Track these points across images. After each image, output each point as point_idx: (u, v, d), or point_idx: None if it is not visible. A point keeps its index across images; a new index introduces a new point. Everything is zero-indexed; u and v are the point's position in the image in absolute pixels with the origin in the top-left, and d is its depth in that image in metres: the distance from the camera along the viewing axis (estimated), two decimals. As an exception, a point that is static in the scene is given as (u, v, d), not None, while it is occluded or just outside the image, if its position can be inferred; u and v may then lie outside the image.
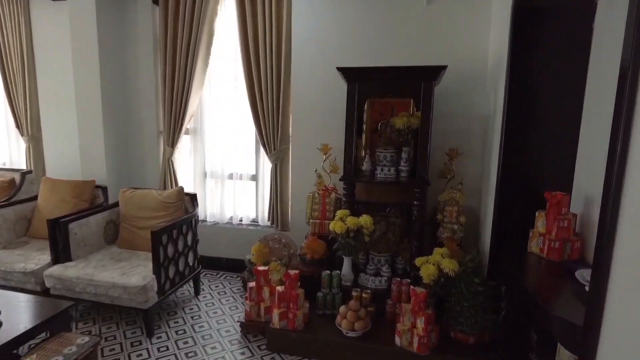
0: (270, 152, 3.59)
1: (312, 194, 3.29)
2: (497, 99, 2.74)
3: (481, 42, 3.12)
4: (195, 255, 3.33)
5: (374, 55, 3.30)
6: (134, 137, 4.03)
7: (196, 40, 3.62)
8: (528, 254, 2.33)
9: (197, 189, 3.95)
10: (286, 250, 3.35)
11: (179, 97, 3.75)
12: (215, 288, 3.59)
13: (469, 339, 2.45)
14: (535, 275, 2.12)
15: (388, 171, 2.92)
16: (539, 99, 2.47)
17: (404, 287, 2.68)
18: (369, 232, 2.78)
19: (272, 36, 3.42)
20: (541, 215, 2.29)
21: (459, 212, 2.93)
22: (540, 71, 2.45)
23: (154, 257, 2.80)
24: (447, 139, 3.23)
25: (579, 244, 2.18)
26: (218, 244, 3.92)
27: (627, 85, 1.20)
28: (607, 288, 1.30)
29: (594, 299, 1.33)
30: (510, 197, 2.58)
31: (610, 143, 1.27)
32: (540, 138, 2.50)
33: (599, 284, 1.31)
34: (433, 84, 2.73)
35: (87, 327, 2.95)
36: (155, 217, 3.25)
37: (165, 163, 3.91)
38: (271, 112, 3.52)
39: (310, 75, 3.47)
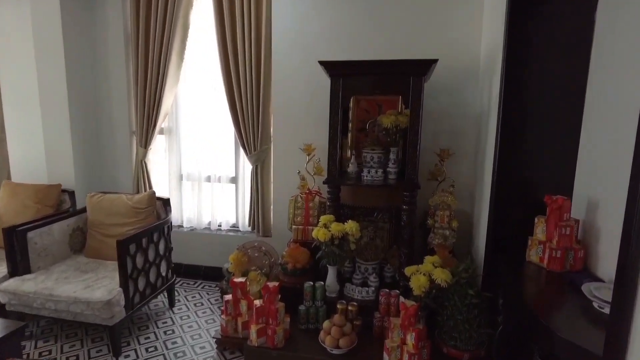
0: (251, 153, 3.37)
1: (295, 197, 3.07)
2: (492, 95, 2.56)
3: (473, 35, 2.95)
4: (169, 265, 3.10)
5: (360, 49, 3.10)
6: (105, 138, 3.77)
7: (170, 34, 3.38)
8: (527, 263, 2.14)
9: (173, 192, 3.71)
10: (267, 259, 3.13)
11: (153, 95, 3.51)
12: (191, 299, 3.36)
13: (463, 356, 2.26)
14: (535, 287, 1.94)
15: (375, 173, 2.72)
16: (537, 95, 2.28)
17: (393, 299, 2.48)
18: (355, 239, 2.57)
19: (251, 30, 3.20)
20: (541, 221, 2.11)
21: (450, 216, 2.74)
22: (538, 65, 2.26)
23: (121, 269, 2.56)
24: (437, 138, 3.05)
25: (582, 253, 2.00)
26: (196, 251, 3.69)
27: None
28: (633, 310, 1.11)
29: (616, 324, 1.14)
30: (506, 201, 2.40)
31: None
32: (538, 137, 2.31)
33: (623, 306, 1.12)
34: (423, 80, 2.53)
35: (47, 345, 2.70)
36: (125, 224, 3.00)
37: (138, 165, 3.66)
38: (251, 111, 3.30)
39: (292, 71, 3.26)
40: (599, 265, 1.92)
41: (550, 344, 1.49)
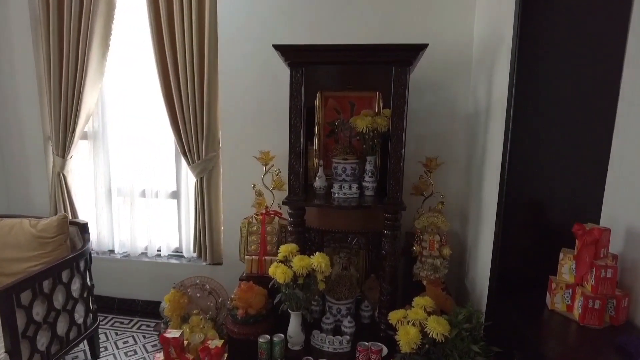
0: (194, 163, 2.74)
1: (248, 219, 2.47)
2: (493, 92, 2.05)
3: (464, 21, 2.45)
4: (88, 308, 2.43)
5: (326, 36, 2.53)
6: (11, 145, 3.05)
7: (90, 15, 2.70)
8: (549, 312, 1.64)
9: (101, 210, 3.03)
10: (212, 300, 2.50)
11: (71, 91, 2.83)
12: (123, 345, 2.69)
13: None
14: (564, 347, 1.43)
15: (349, 189, 2.16)
16: (556, 94, 1.77)
17: (374, 356, 1.92)
18: (324, 277, 2.00)
19: (192, 11, 2.57)
20: (568, 257, 1.61)
21: (442, 242, 2.22)
22: (558, 58, 1.75)
23: (6, 328, 1.87)
24: (421, 144, 2.54)
25: (627, 302, 1.50)
26: (131, 283, 3.04)
27: None
28: None
29: None
30: (515, 227, 1.89)
31: None
32: (557, 146, 1.80)
33: None
34: (408, 71, 1.98)
35: None
36: (26, 259, 2.32)
37: (55, 178, 2.94)
38: (193, 111, 2.67)
39: (244, 62, 2.68)
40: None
41: None
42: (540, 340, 1.46)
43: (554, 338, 1.50)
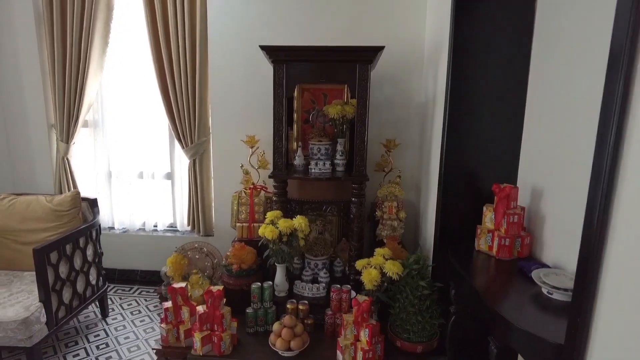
0: (187, 146, 3.13)
1: (238, 193, 2.89)
2: (438, 85, 2.54)
3: (418, 24, 2.92)
4: (99, 272, 2.80)
5: (302, 36, 2.97)
6: (17, 132, 3.33)
7: (92, 15, 3.03)
8: (476, 252, 2.15)
9: (102, 191, 3.37)
10: (209, 261, 2.93)
11: (74, 83, 3.14)
12: (127, 307, 3.08)
13: (417, 348, 2.24)
14: (486, 276, 1.94)
15: (323, 165, 2.62)
16: (482, 85, 2.29)
17: (345, 295, 2.41)
18: (304, 235, 2.46)
19: (184, 9, 2.94)
20: (489, 209, 2.12)
21: (398, 207, 2.72)
22: (483, 57, 2.26)
23: (40, 281, 2.25)
24: (382, 128, 3.01)
25: (529, 240, 2.03)
26: (130, 255, 3.39)
27: (621, 71, 0.97)
28: (595, 299, 1.09)
29: (578, 313, 1.12)
30: (453, 191, 2.39)
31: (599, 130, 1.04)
32: (483, 127, 2.32)
33: (584, 296, 1.10)
34: (369, 67, 2.45)
35: (-49, 375, 2.33)
36: (45, 230, 2.66)
37: (60, 162, 3.27)
38: (186, 100, 3.06)
39: (231, 57, 3.05)
40: (544, 251, 1.96)
41: (507, 335, 1.48)
42: (470, 272, 1.97)
43: (478, 270, 2.01)
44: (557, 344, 1.28)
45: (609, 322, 1.05)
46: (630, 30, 0.95)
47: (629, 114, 0.98)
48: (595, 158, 1.07)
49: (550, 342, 1.30)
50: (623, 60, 0.96)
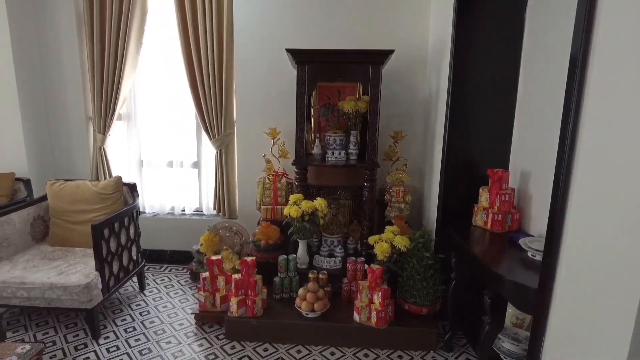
0: (214, 138, 3.47)
1: (263, 179, 3.24)
2: (440, 82, 2.88)
3: (422, 26, 3.24)
4: (139, 249, 3.15)
5: (318, 37, 3.29)
6: (58, 124, 3.66)
7: (128, 18, 3.36)
8: (473, 227, 2.52)
9: (134, 178, 3.71)
10: (237, 238, 3.28)
11: (110, 81, 3.47)
12: (160, 282, 3.43)
13: (422, 310, 2.60)
14: (482, 245, 2.30)
15: (339, 154, 2.97)
16: (479, 82, 2.64)
17: (359, 266, 2.77)
18: (323, 214, 2.81)
19: (213, 14, 3.27)
20: (484, 190, 2.48)
21: (405, 191, 3.07)
22: (480, 57, 2.62)
23: (96, 253, 2.60)
24: (390, 122, 3.34)
25: (518, 216, 2.40)
26: (160, 237, 3.73)
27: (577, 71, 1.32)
28: (558, 255, 1.45)
29: (547, 263, 1.48)
30: (454, 177, 2.75)
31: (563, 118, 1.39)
32: (480, 120, 2.68)
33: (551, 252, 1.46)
34: (381, 68, 2.80)
35: (18, 335, 2.67)
36: (92, 211, 3.00)
37: (97, 152, 3.61)
38: (214, 96, 3.39)
39: (254, 57, 3.38)
40: (531, 224, 2.33)
41: (499, 286, 1.84)
42: (468, 243, 2.33)
43: (475, 242, 2.37)
44: (534, 288, 1.64)
45: (567, 270, 1.41)
46: (583, 41, 1.30)
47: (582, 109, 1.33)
48: (559, 146, 1.43)
49: (532, 288, 1.67)
50: (578, 65, 1.31)
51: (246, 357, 2.47)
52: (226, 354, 2.50)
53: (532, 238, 2.14)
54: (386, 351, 2.54)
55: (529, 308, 1.71)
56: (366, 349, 2.56)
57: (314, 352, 2.53)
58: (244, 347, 2.55)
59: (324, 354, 2.51)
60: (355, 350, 2.55)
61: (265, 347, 2.55)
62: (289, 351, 2.53)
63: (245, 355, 2.48)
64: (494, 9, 2.58)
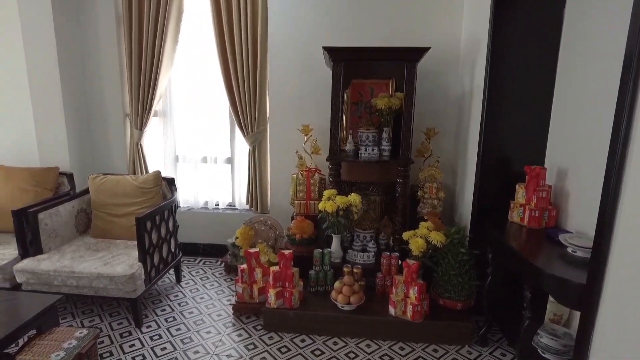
0: (248, 134, 3.55)
1: (296, 175, 3.30)
2: (475, 79, 2.89)
3: (454, 24, 3.25)
4: (176, 242, 3.25)
5: (351, 35, 3.33)
6: (97, 120, 3.79)
7: (165, 17, 3.45)
8: (509, 223, 2.53)
9: (169, 173, 3.81)
10: (272, 232, 3.36)
11: (147, 78, 3.57)
12: (196, 274, 3.53)
13: (457, 305, 2.63)
14: (520, 241, 2.31)
15: (372, 151, 3.01)
16: (515, 79, 2.65)
17: (393, 261, 2.81)
18: (358, 210, 2.86)
19: (247, 14, 3.33)
20: (521, 187, 2.49)
21: (438, 188, 3.09)
22: (516, 53, 2.63)
23: (140, 244, 2.70)
24: (422, 118, 3.35)
25: (555, 212, 2.41)
26: (194, 230, 3.83)
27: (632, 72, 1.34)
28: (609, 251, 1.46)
29: (597, 259, 1.50)
30: (488, 173, 2.77)
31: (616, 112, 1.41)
32: (515, 117, 2.69)
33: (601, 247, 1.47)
34: (416, 65, 2.82)
35: (67, 322, 2.80)
36: (132, 204, 3.11)
37: (134, 147, 3.73)
38: (248, 93, 3.46)
39: (287, 54, 3.43)
40: (568, 221, 2.33)
41: (539, 280, 1.86)
42: (504, 240, 2.35)
43: (512, 237, 2.38)
44: (580, 284, 1.66)
45: (619, 269, 1.42)
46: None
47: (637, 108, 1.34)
48: (612, 143, 1.44)
49: (575, 282, 1.69)
50: (634, 61, 1.33)
51: (284, 347, 2.54)
52: (265, 344, 2.57)
53: (571, 235, 2.15)
54: (421, 345, 2.58)
55: (573, 303, 1.73)
56: (401, 342, 2.60)
57: (349, 344, 2.58)
58: (281, 338, 2.63)
59: (359, 346, 2.56)
60: (391, 343, 2.60)
61: (303, 338, 2.62)
62: (325, 343, 2.59)
63: (284, 346, 2.55)
64: (532, 5, 2.58)
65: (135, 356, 2.46)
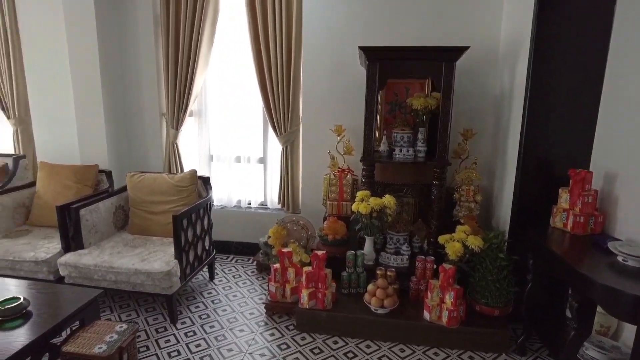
0: (281, 135, 3.55)
1: (329, 175, 3.29)
2: (516, 78, 2.80)
3: (493, 21, 3.16)
4: (210, 240, 3.30)
5: (386, 34, 3.29)
6: (134, 119, 3.89)
7: (201, 18, 3.50)
8: (551, 228, 2.44)
9: (204, 172, 3.87)
10: (304, 232, 3.36)
11: (183, 78, 3.63)
12: (228, 272, 3.57)
13: (494, 312, 2.56)
14: (564, 248, 2.22)
15: (407, 152, 2.96)
16: (560, 78, 2.55)
17: (429, 265, 2.75)
18: (392, 212, 2.82)
19: (282, 14, 3.34)
20: (565, 191, 2.39)
21: (475, 190, 3.01)
22: (561, 51, 2.52)
23: (176, 242, 2.75)
24: (459, 118, 3.27)
25: (602, 219, 2.30)
26: (227, 228, 3.88)
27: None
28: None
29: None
30: (529, 176, 2.68)
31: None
32: (559, 118, 2.58)
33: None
34: (454, 65, 2.76)
35: (105, 315, 2.89)
36: (169, 202, 3.18)
37: (170, 146, 3.80)
38: (281, 94, 3.47)
39: (321, 55, 3.42)
40: (617, 228, 2.22)
41: (589, 290, 1.78)
42: (546, 246, 2.26)
43: (554, 243, 2.29)
44: (634, 295, 1.58)
45: None
46: None
47: None
48: None
49: (629, 293, 1.60)
50: None
51: (317, 348, 2.53)
52: (297, 344, 2.57)
53: (621, 242, 2.04)
54: (456, 351, 2.52)
55: (627, 316, 1.64)
56: (436, 347, 2.55)
57: (383, 347, 2.55)
58: (314, 339, 2.62)
59: (393, 350, 2.52)
60: (425, 348, 2.55)
61: (335, 340, 2.61)
62: (358, 345, 2.56)
63: (316, 347, 2.54)
64: (579, 2, 2.47)
65: (170, 351, 2.50)
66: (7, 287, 2.31)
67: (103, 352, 1.90)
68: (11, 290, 2.27)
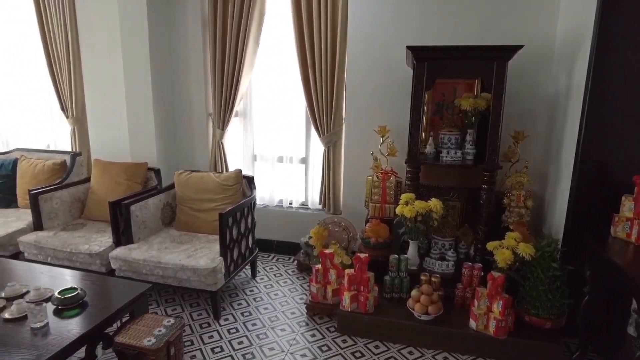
0: (323, 135, 3.55)
1: (371, 177, 3.25)
2: (574, 78, 2.65)
3: (548, 19, 3.01)
4: (253, 238, 3.34)
5: (431, 33, 3.20)
6: (182, 119, 4.01)
7: (247, 20, 3.55)
8: (612, 238, 2.29)
9: (247, 171, 3.93)
10: (345, 234, 3.34)
11: (230, 79, 3.70)
12: (270, 270, 3.61)
13: (546, 324, 2.43)
14: (627, 259, 2.08)
15: (454, 154, 2.87)
16: (624, 80, 2.38)
17: (476, 272, 2.66)
18: (438, 216, 2.74)
19: (328, 15, 3.33)
20: (628, 199, 2.24)
21: (526, 196, 2.88)
22: (626, 53, 2.35)
23: (222, 239, 2.80)
24: (509, 120, 3.12)
25: (671, 229, 2.13)
26: (269, 227, 3.92)
27: None
28: None
29: None
30: (586, 181, 2.52)
31: None
32: (622, 120, 2.41)
33: None
34: (506, 65, 2.64)
35: (151, 309, 2.99)
36: (215, 200, 3.24)
37: (215, 145, 3.89)
38: (325, 94, 3.46)
39: (365, 55, 3.38)
40: (688, 240, 2.05)
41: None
42: (608, 255, 2.12)
43: (617, 254, 2.15)
44: None
45: None
46: None
47: None
48: None
49: None
50: None
51: (358, 352, 2.51)
52: (338, 347, 2.55)
53: (694, 256, 1.89)
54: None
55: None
56: (481, 357, 2.46)
57: (426, 354, 2.49)
58: (355, 343, 2.59)
59: (436, 358, 2.46)
60: (470, 357, 2.47)
61: (377, 345, 2.57)
62: (400, 351, 2.52)
63: (357, 350, 2.52)
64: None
65: (214, 347, 2.56)
66: (65, 277, 2.45)
67: (152, 345, 1.96)
68: (68, 280, 2.39)
